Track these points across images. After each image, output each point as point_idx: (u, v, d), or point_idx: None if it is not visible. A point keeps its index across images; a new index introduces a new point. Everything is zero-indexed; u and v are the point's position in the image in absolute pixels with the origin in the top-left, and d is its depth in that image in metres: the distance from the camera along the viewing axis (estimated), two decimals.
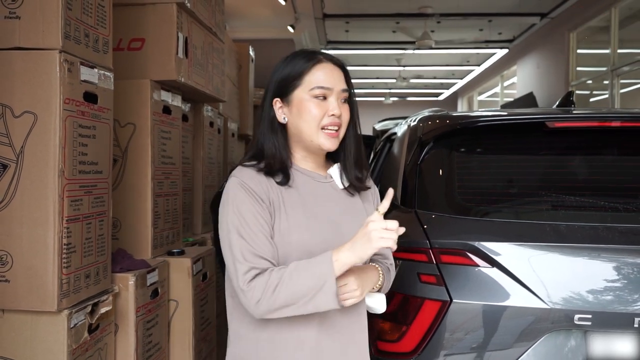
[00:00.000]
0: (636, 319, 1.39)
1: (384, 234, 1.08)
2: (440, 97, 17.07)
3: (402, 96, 16.84)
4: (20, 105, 1.44)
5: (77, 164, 1.51)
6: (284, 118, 1.27)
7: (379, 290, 1.31)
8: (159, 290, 1.96)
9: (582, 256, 1.46)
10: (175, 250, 2.17)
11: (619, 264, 1.44)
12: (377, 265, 1.29)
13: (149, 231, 2.04)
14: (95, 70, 1.59)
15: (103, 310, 1.61)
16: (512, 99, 10.84)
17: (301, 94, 1.24)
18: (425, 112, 2.18)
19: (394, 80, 14.23)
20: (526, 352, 1.45)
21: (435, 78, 14.54)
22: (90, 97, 1.57)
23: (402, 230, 1.11)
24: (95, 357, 1.61)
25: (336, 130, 1.25)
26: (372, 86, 15.43)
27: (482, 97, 14.51)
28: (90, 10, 1.58)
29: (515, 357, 1.45)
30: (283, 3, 7.68)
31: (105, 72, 1.65)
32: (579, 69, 8.18)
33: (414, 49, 9.90)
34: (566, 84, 8.11)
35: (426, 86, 15.75)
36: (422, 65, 12.55)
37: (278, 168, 1.24)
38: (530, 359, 1.44)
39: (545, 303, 1.43)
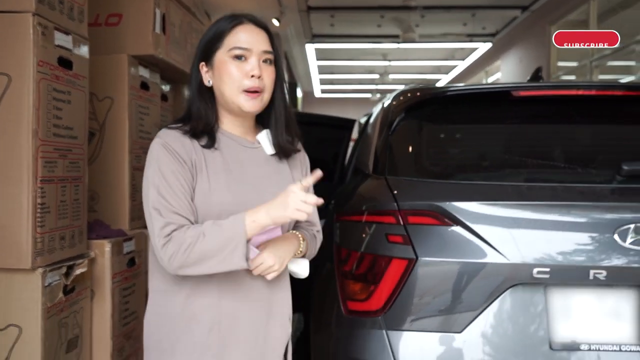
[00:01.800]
0: (591, 271, 1.45)
1: (301, 206, 1.14)
2: None
3: (389, 92, 16.91)
4: None
5: (51, 126, 1.53)
6: (209, 82, 1.28)
7: (303, 256, 1.35)
8: (136, 260, 1.99)
9: (541, 213, 1.51)
10: None
11: (576, 220, 1.50)
12: (298, 233, 1.33)
13: (127, 204, 2.06)
14: (70, 36, 1.62)
15: (78, 272, 1.63)
16: None
17: (221, 55, 1.25)
18: (402, 87, 2.24)
19: (380, 76, 14.30)
20: (489, 306, 1.50)
21: (421, 73, 14.63)
22: (65, 63, 1.60)
23: (320, 201, 1.18)
24: (71, 318, 1.64)
25: (258, 92, 1.25)
26: (359, 82, 15.49)
27: None
28: None
29: (478, 311, 1.50)
30: None
31: (81, 41, 1.68)
32: (560, 64, 8.29)
33: (399, 42, 9.96)
34: (547, 77, 8.22)
35: (412, 82, 15.85)
36: (408, 59, 12.63)
37: (202, 130, 1.25)
38: (493, 313, 1.50)
39: (507, 258, 1.48)
